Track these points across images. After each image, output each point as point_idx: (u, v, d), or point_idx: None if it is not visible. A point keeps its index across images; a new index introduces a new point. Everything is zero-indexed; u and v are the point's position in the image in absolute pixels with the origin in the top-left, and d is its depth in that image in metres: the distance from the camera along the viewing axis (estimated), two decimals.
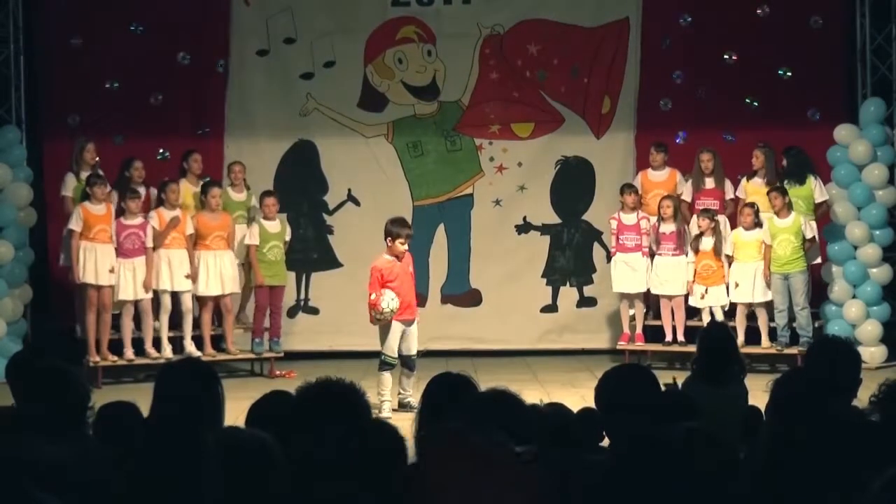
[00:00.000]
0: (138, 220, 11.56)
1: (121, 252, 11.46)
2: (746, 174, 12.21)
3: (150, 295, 11.59)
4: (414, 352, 10.04)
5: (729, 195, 12.31)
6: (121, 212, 11.61)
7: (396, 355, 9.93)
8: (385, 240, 10.03)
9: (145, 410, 4.44)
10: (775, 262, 11.71)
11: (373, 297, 9.87)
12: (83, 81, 12.60)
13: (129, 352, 11.59)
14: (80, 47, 12.56)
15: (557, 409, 5.12)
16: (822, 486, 3.06)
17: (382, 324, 9.94)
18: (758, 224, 11.77)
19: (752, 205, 11.80)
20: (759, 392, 7.66)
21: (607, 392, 4.26)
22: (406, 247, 10.00)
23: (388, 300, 9.78)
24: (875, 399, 3.97)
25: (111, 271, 11.39)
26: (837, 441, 3.14)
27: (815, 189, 12.06)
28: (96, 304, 11.41)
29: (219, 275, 11.81)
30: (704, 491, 2.88)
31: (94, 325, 11.45)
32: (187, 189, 12.05)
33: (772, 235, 11.69)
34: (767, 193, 11.77)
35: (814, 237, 11.85)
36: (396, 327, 9.93)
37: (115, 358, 11.51)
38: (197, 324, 11.97)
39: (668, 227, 11.97)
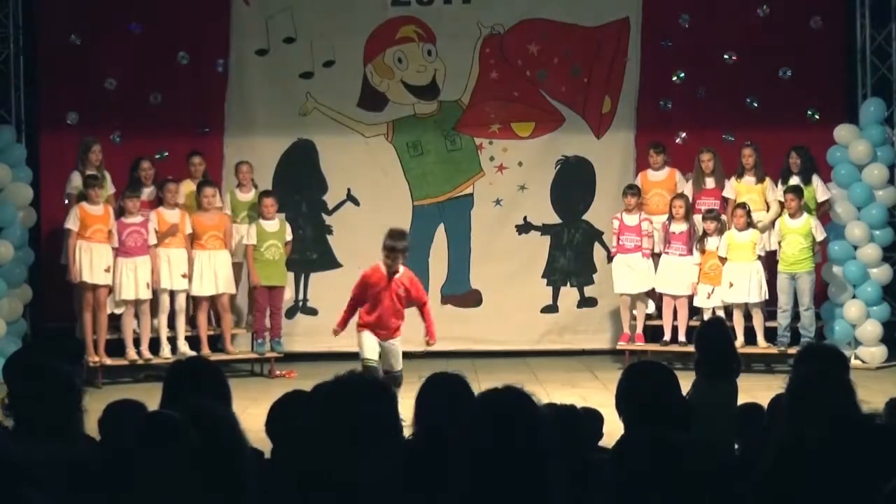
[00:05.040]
0: (139, 218, 11.57)
1: (123, 251, 11.47)
2: (735, 173, 12.22)
3: (151, 295, 11.59)
4: (396, 368, 9.46)
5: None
6: (121, 211, 11.63)
7: (374, 357, 9.36)
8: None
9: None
10: (783, 262, 11.72)
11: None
12: (82, 80, 12.61)
13: (131, 352, 11.59)
14: (79, 46, 12.57)
15: (565, 409, 5.12)
16: (832, 488, 3.06)
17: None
18: (750, 224, 11.79)
19: (743, 205, 11.81)
20: (757, 392, 7.68)
21: (633, 392, 4.22)
22: (391, 263, 9.26)
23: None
24: None
25: (107, 270, 11.39)
26: (849, 444, 3.14)
27: (817, 189, 12.08)
28: (92, 303, 11.42)
29: (213, 275, 11.81)
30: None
31: (91, 324, 11.46)
32: (189, 189, 12.09)
33: (781, 235, 11.70)
34: (784, 194, 11.79)
35: (825, 239, 11.88)
36: (366, 334, 9.43)
37: (108, 359, 11.49)
38: (193, 324, 11.98)
39: (679, 227, 11.98)
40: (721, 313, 11.78)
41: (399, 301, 9.43)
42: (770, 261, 11.92)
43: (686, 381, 4.63)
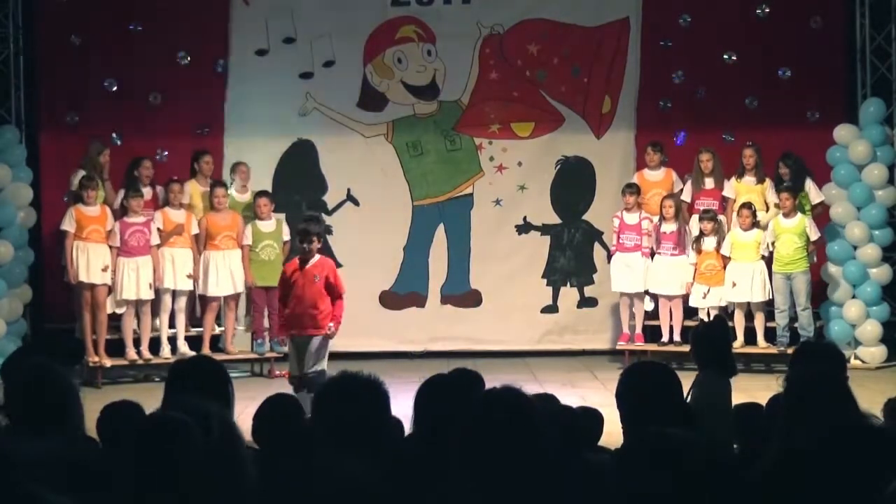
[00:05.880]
0: (142, 218, 11.57)
1: (125, 250, 11.47)
2: (735, 173, 12.22)
3: (153, 296, 11.60)
4: (310, 369, 8.95)
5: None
6: (125, 211, 11.63)
7: (294, 373, 9.05)
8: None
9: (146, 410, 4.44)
10: (778, 262, 11.73)
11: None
12: (82, 80, 12.61)
13: (131, 352, 11.59)
14: (79, 46, 12.58)
15: (563, 409, 5.11)
16: (832, 489, 3.06)
17: None
18: (755, 224, 11.80)
19: (749, 205, 11.82)
20: (757, 392, 7.67)
21: (634, 390, 4.22)
22: (306, 247, 9.05)
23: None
24: None
25: (104, 270, 11.40)
26: (848, 445, 3.13)
27: (810, 191, 12.09)
28: (90, 303, 11.42)
29: (229, 274, 11.84)
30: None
31: (90, 324, 11.46)
32: (196, 189, 12.10)
33: (776, 235, 11.71)
34: (778, 194, 11.80)
35: (819, 238, 11.89)
36: (291, 346, 9.12)
37: (108, 359, 11.50)
38: (198, 323, 11.99)
39: (669, 227, 11.98)
40: (715, 312, 11.80)
41: (316, 290, 9.00)
42: (770, 261, 11.93)
43: (684, 381, 4.62)
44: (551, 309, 13.13)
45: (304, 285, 9.03)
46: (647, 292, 12.25)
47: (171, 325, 11.82)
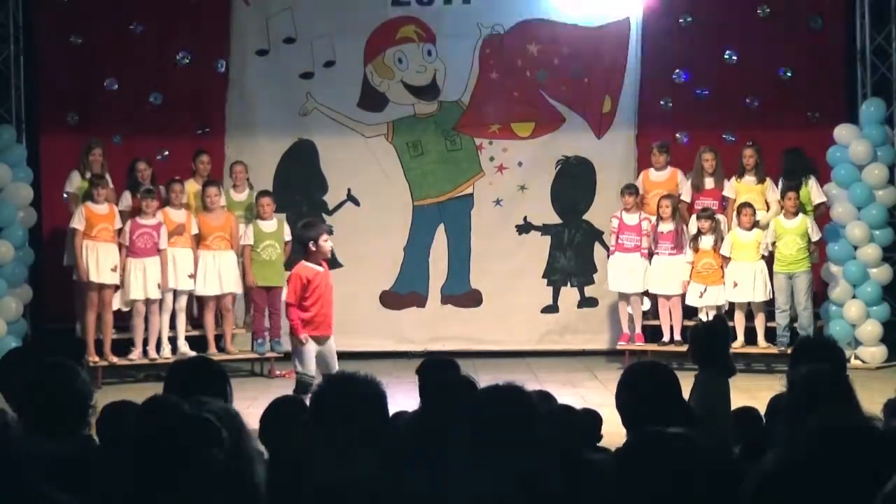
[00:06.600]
0: (153, 220, 11.56)
1: (132, 251, 11.47)
2: (736, 173, 12.22)
3: (160, 295, 11.60)
4: (334, 368, 8.92)
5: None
6: (138, 210, 11.62)
7: (313, 374, 8.87)
8: (307, 246, 9.00)
9: None
10: (780, 262, 11.73)
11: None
12: (82, 80, 12.62)
13: (136, 351, 11.59)
14: (79, 46, 12.59)
15: (561, 409, 5.12)
16: (832, 490, 3.05)
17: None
18: (756, 224, 11.80)
19: (749, 205, 11.82)
20: (757, 392, 7.68)
21: (632, 390, 4.22)
22: (331, 243, 9.15)
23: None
24: None
25: (113, 270, 11.40)
26: (848, 446, 3.13)
27: (812, 190, 12.09)
28: (97, 303, 11.42)
29: (218, 275, 11.82)
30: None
31: (94, 324, 11.46)
32: (192, 189, 12.11)
33: (778, 235, 11.71)
34: (783, 193, 11.80)
35: (820, 239, 11.90)
36: (310, 346, 8.96)
37: (115, 358, 11.52)
38: (199, 324, 11.99)
39: (666, 227, 11.99)
40: (714, 312, 11.80)
41: (331, 290, 9.13)
42: (769, 261, 11.93)
43: (684, 381, 4.63)
44: (551, 309, 13.13)
45: (328, 287, 9.12)
46: (646, 293, 12.26)
47: (172, 324, 11.82)
